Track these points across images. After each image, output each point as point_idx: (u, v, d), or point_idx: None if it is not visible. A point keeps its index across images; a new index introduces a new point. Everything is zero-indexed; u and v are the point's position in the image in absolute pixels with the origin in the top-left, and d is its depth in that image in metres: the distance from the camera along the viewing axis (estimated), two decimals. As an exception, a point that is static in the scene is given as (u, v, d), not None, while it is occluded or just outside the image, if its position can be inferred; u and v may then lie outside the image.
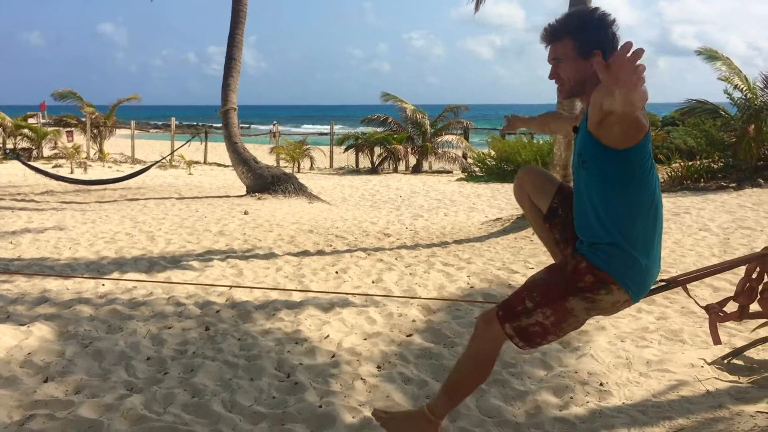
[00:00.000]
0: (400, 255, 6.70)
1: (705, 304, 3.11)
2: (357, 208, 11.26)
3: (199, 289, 5.17)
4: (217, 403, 3.14)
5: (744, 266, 3.11)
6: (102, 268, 6.08)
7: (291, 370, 3.57)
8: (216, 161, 21.52)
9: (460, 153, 19.97)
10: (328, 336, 4.10)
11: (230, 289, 5.16)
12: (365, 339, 4.09)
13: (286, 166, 19.18)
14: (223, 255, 6.65)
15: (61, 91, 22.96)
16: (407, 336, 4.14)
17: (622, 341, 4.01)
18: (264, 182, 11.99)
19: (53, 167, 16.74)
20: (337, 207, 11.25)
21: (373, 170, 19.74)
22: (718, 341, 3.05)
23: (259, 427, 2.93)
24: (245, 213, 9.65)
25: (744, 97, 12.02)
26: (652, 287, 2.43)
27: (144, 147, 25.69)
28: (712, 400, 3.17)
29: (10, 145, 21.82)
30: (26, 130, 22.13)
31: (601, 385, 3.37)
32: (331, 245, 7.25)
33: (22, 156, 18.73)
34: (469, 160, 19.14)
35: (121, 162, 21.02)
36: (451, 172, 19.19)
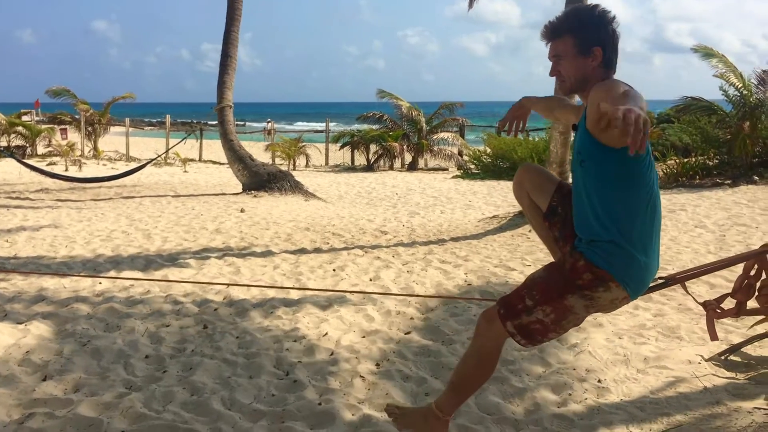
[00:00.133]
0: (397, 252, 6.71)
1: (702, 301, 3.13)
2: (353, 205, 11.25)
3: (197, 287, 5.17)
4: (216, 401, 3.14)
5: (742, 263, 3.13)
6: (98, 267, 6.06)
7: (290, 368, 3.57)
8: (211, 159, 21.44)
9: (456, 150, 19.96)
10: (327, 334, 4.10)
11: (228, 287, 5.16)
12: (364, 337, 4.10)
13: (282, 164, 19.13)
14: (220, 253, 6.64)
15: (56, 89, 22.81)
16: (405, 333, 4.15)
17: (620, 338, 4.02)
18: (260, 180, 11.97)
19: (48, 165, 16.66)
20: (333, 204, 11.24)
21: (369, 168, 19.71)
22: (715, 338, 3.08)
23: (258, 425, 2.93)
24: (242, 211, 9.64)
25: (739, 94, 12.05)
26: (651, 285, 2.44)
27: (139, 144, 25.58)
28: (709, 397, 3.19)
29: (4, 143, 21.65)
30: (20, 128, 22.00)
31: (599, 381, 3.39)
32: (328, 243, 7.25)
33: (16, 154, 18.64)
34: (465, 158, 19.14)
35: (115, 160, 20.93)
36: (447, 170, 19.17)
